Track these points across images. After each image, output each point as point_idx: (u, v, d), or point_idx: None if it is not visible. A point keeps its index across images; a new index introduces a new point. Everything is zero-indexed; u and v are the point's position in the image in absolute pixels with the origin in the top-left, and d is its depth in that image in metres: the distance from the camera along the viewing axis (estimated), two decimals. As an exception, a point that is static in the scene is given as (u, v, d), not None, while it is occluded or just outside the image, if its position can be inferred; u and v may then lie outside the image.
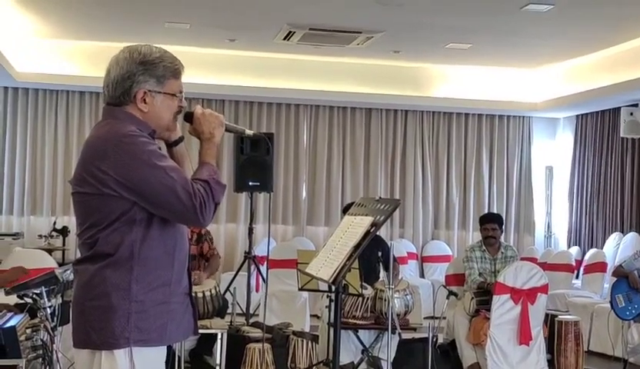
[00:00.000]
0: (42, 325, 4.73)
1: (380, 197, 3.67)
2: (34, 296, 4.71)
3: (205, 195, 2.65)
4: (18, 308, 4.95)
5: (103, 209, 2.66)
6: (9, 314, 4.77)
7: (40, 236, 10.19)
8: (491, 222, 7.92)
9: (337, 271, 3.24)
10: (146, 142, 2.67)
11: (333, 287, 4.05)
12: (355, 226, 3.40)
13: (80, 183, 2.72)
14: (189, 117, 2.86)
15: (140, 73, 2.75)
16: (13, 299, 5.47)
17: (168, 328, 2.73)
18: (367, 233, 3.29)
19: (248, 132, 3.06)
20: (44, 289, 4.71)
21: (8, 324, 4.50)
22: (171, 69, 2.81)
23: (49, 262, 7.04)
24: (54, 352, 4.73)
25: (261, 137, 3.07)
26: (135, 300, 2.66)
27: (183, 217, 2.69)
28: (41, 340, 4.75)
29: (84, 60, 10.56)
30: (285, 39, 9.76)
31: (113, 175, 2.61)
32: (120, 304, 2.65)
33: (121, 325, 2.64)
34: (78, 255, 2.86)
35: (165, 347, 2.82)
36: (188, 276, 2.87)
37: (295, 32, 9.41)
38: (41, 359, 4.71)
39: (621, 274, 7.72)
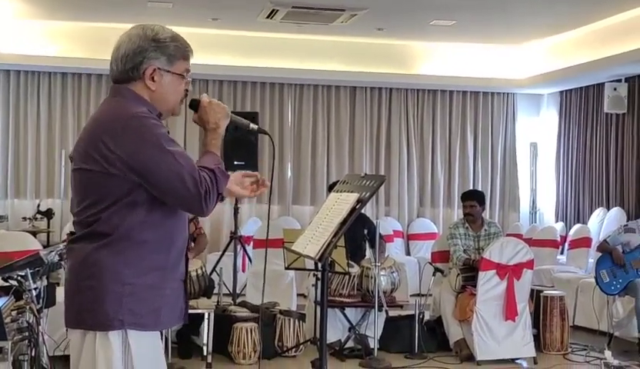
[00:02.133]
0: (28, 307, 4.70)
1: (365, 174, 3.66)
2: (19, 278, 4.68)
3: (210, 184, 2.63)
4: (3, 291, 4.92)
5: (106, 188, 2.63)
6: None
7: (24, 218, 10.14)
8: (469, 199, 7.92)
9: (323, 248, 3.23)
10: (156, 124, 2.65)
11: (319, 266, 4.05)
12: (341, 203, 3.39)
13: (84, 159, 2.67)
14: (195, 104, 2.84)
15: (152, 49, 2.73)
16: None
17: (161, 313, 2.71)
18: (353, 209, 3.28)
19: (253, 126, 3.07)
20: (29, 271, 4.68)
21: (-7, 306, 4.48)
22: (182, 50, 2.82)
23: (34, 244, 7.02)
24: (40, 334, 4.71)
25: (265, 133, 3.07)
26: (127, 283, 2.63)
27: (187, 203, 2.65)
28: (27, 322, 4.72)
29: (66, 41, 10.47)
30: (268, 17, 9.71)
31: (121, 155, 2.58)
32: (112, 286, 2.62)
33: (113, 307, 2.61)
34: (64, 236, 2.84)
35: (160, 333, 2.81)
36: (185, 262, 2.86)
37: (278, 10, 9.36)
38: (27, 341, 4.69)
39: (606, 250, 7.76)
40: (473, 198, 7.90)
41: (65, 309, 2.75)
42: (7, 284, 4.86)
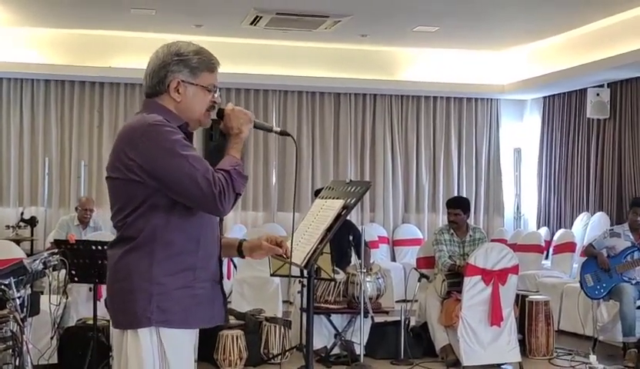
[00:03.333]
0: (12, 316, 4.67)
1: (350, 180, 3.66)
2: (2, 287, 4.65)
3: (225, 184, 2.73)
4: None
5: (128, 194, 2.79)
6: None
7: (7, 227, 10.06)
8: (454, 207, 7.89)
9: (309, 255, 3.23)
10: (171, 131, 2.77)
11: (305, 272, 4.04)
12: (326, 209, 3.38)
13: (111, 168, 2.85)
14: (221, 114, 2.98)
15: (175, 63, 2.89)
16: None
17: (192, 311, 2.82)
18: (338, 216, 3.28)
19: (276, 129, 3.21)
20: (12, 280, 4.65)
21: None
22: (206, 63, 2.96)
23: (17, 253, 6.97)
24: (24, 343, 4.67)
25: (288, 134, 3.18)
26: (156, 283, 2.75)
27: (202, 204, 2.76)
28: (11, 330, 4.69)
29: (49, 48, 10.42)
30: (251, 24, 9.71)
31: (138, 162, 2.74)
32: (141, 285, 2.75)
33: (142, 306, 2.74)
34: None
35: (194, 331, 2.94)
36: (219, 264, 2.97)
37: (262, 17, 9.36)
38: (11, 350, 4.65)
39: (591, 254, 7.80)
40: (458, 206, 7.88)
41: (109, 312, 2.91)
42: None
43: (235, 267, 9.30)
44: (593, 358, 7.10)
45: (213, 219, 2.94)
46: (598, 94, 10.47)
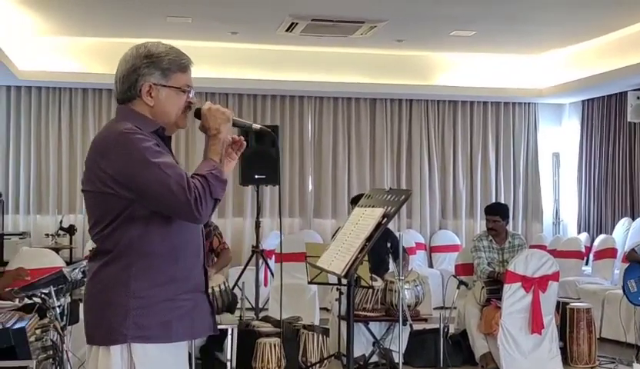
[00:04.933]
0: (52, 325, 4.69)
1: (390, 188, 3.62)
2: (42, 296, 4.67)
3: (201, 190, 2.61)
4: (27, 309, 4.91)
5: (104, 206, 2.70)
6: (17, 315, 4.73)
7: (47, 235, 10.15)
8: (493, 214, 7.81)
9: (349, 264, 3.20)
10: (141, 138, 2.67)
11: (343, 280, 4.01)
12: (366, 218, 3.35)
13: (86, 181, 2.77)
14: (198, 113, 2.85)
15: (145, 66, 2.77)
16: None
17: (173, 325, 2.71)
18: (378, 225, 3.24)
19: (255, 126, 3.03)
20: (52, 288, 4.67)
21: (17, 325, 4.46)
22: (177, 63, 2.82)
23: (57, 261, 7.01)
24: (64, 352, 4.69)
25: (268, 131, 3.02)
26: (134, 297, 2.66)
27: (178, 212, 2.65)
28: (51, 340, 4.71)
29: (86, 56, 10.51)
30: (287, 31, 9.70)
31: (110, 173, 2.65)
32: (118, 300, 2.66)
33: (118, 321, 2.65)
34: (86, 253, 2.87)
35: (176, 344, 2.77)
36: (203, 273, 2.87)
37: (297, 23, 9.35)
38: (51, 359, 4.67)
39: (634, 259, 7.66)
40: (496, 213, 7.80)
41: (84, 326, 2.81)
42: (31, 302, 4.85)
43: (272, 274, 9.29)
44: (637, 366, 6.98)
45: (195, 227, 2.82)
46: (638, 98, 10.31)
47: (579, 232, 11.74)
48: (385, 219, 3.25)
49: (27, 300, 5.12)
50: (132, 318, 2.64)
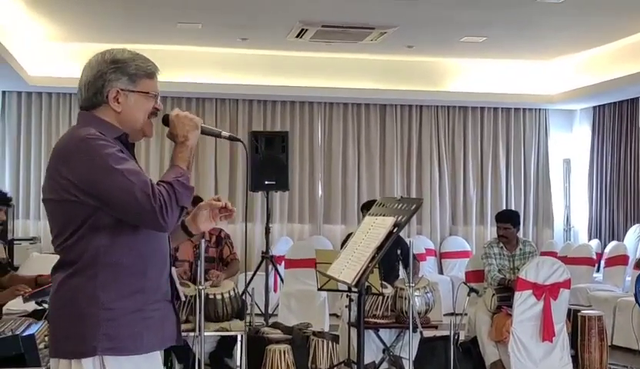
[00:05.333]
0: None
1: (401, 197, 3.60)
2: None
3: (167, 198, 2.55)
4: (36, 315, 4.91)
5: (67, 215, 2.62)
6: (27, 322, 4.73)
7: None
8: (504, 221, 7.76)
9: (359, 274, 3.18)
10: (104, 145, 2.60)
11: (353, 287, 3.99)
12: (377, 227, 3.33)
13: (46, 189, 2.69)
14: (166, 120, 2.81)
15: (111, 71, 2.72)
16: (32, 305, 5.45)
17: (143, 336, 2.66)
18: (389, 234, 3.23)
19: (224, 134, 3.00)
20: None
21: (27, 332, 4.46)
22: (144, 69, 2.78)
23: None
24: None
25: (238, 139, 3.00)
26: (103, 308, 2.59)
27: (143, 220, 2.58)
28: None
29: (96, 62, 10.52)
30: (297, 37, 9.70)
31: (72, 180, 2.57)
32: (88, 312, 2.59)
33: (89, 333, 2.58)
34: None
35: (153, 356, 2.75)
36: (169, 282, 2.81)
37: (307, 30, 9.34)
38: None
39: (645, 267, 7.62)
40: (508, 220, 7.74)
41: (48, 339, 2.75)
42: (40, 308, 4.85)
43: (282, 280, 9.27)
44: (649, 375, 6.93)
45: (162, 236, 2.76)
46: (650, 104, 10.26)
47: (590, 239, 11.68)
48: (396, 228, 3.23)
49: (36, 307, 5.12)
50: (103, 330, 2.58)
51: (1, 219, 5.21)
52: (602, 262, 10.30)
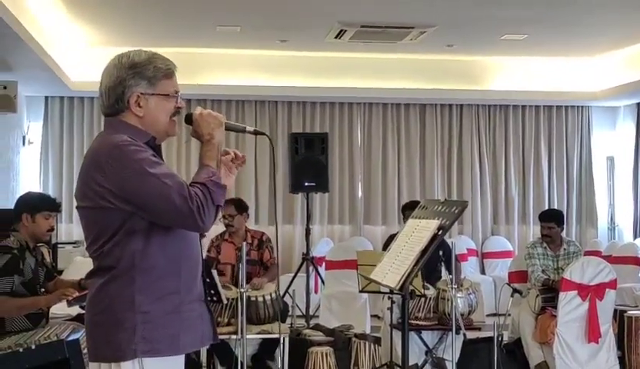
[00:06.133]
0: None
1: (445, 199, 3.56)
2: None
3: (202, 198, 2.58)
4: (80, 320, 4.94)
5: (103, 222, 2.65)
6: (72, 326, 4.77)
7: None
8: (548, 221, 7.67)
9: (404, 278, 3.15)
10: (137, 150, 2.64)
11: (397, 291, 3.96)
12: (421, 230, 3.30)
13: (81, 197, 2.72)
14: (189, 118, 2.82)
15: (130, 77, 2.74)
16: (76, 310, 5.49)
17: (180, 338, 2.70)
18: (434, 237, 3.19)
19: (249, 129, 3.01)
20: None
21: (72, 337, 4.49)
22: (163, 70, 2.79)
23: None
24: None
25: (263, 133, 3.00)
26: (140, 312, 2.64)
27: (181, 222, 2.62)
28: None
29: (137, 67, 10.60)
30: (336, 38, 9.67)
31: (108, 187, 2.60)
32: (125, 316, 2.63)
33: (127, 337, 2.62)
34: None
35: (182, 357, 2.78)
36: (202, 283, 2.84)
37: (346, 30, 9.31)
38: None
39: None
40: (551, 220, 7.65)
41: (86, 344, 2.78)
42: (84, 312, 4.86)
43: (323, 281, 9.26)
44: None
45: (193, 237, 2.80)
46: (695, 100, 10.07)
47: (635, 237, 11.50)
48: (441, 231, 3.20)
49: (80, 310, 5.16)
50: (140, 333, 2.62)
51: (52, 225, 5.26)
52: (649, 261, 10.11)
